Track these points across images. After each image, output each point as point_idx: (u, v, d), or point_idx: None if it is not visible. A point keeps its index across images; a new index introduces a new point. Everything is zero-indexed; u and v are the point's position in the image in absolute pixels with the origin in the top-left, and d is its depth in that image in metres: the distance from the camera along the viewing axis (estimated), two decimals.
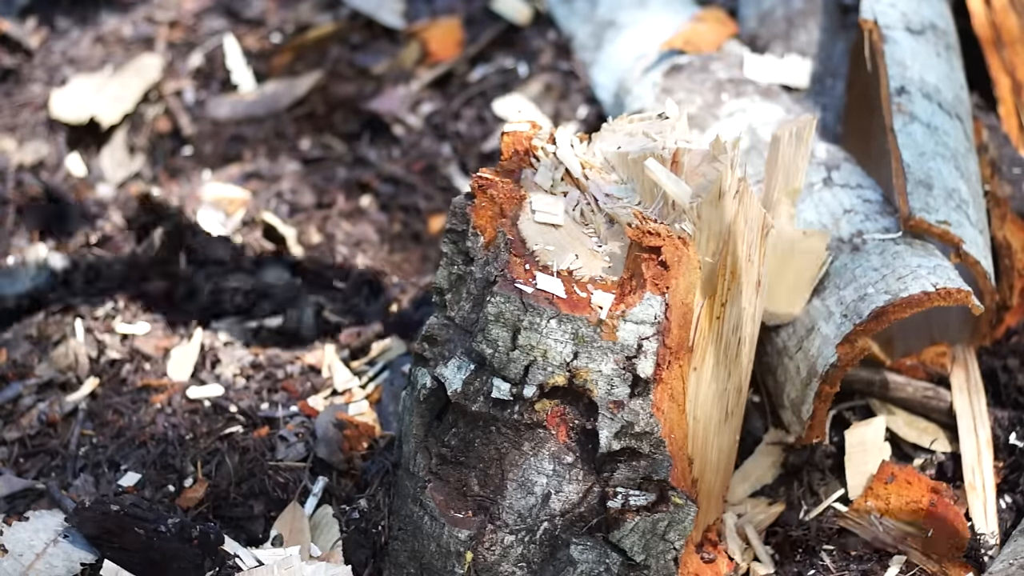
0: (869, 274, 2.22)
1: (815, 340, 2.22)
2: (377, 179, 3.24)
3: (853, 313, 2.18)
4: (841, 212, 2.34)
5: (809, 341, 2.23)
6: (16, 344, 2.70)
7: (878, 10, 2.54)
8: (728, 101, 2.65)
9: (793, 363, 2.27)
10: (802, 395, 2.23)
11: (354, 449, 2.35)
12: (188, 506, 2.30)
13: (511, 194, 2.03)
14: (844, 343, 2.16)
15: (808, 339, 2.23)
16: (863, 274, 2.23)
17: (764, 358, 2.35)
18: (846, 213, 2.34)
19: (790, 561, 2.25)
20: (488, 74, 3.43)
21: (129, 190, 3.29)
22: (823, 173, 2.42)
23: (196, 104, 3.54)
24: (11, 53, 3.70)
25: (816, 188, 2.40)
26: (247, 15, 3.78)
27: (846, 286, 2.23)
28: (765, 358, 2.35)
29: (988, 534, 2.24)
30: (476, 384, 1.98)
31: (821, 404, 2.20)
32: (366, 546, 2.20)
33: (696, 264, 1.96)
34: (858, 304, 2.18)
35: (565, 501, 2.00)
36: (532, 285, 1.94)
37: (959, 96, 2.53)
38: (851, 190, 2.39)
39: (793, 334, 2.27)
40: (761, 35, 2.99)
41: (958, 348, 2.43)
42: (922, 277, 2.18)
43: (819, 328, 2.22)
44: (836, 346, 2.17)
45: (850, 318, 2.18)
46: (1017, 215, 2.47)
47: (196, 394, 2.52)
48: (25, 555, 2.08)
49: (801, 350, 2.25)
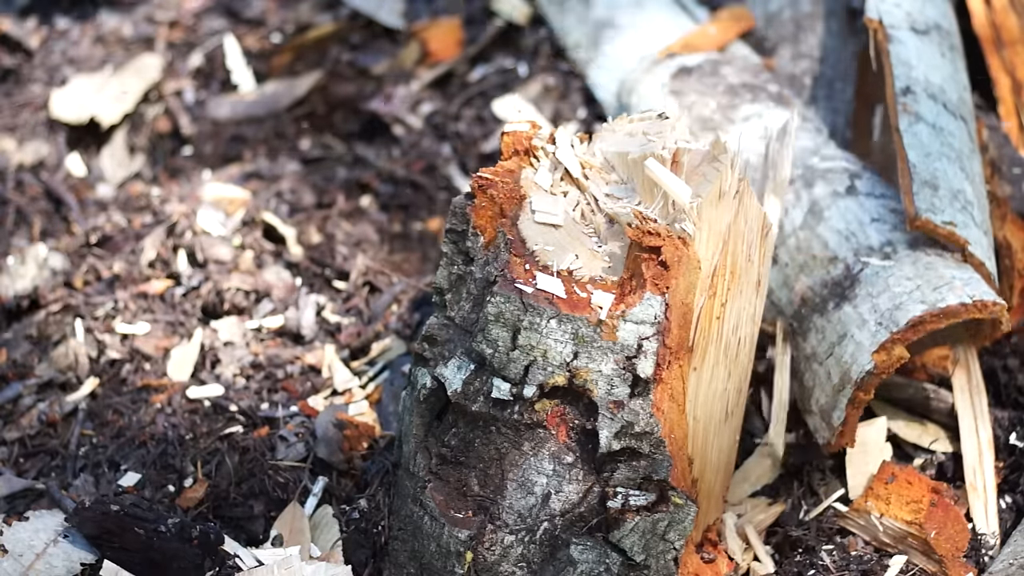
0: (903, 283, 2.22)
1: (848, 347, 2.21)
2: (377, 179, 3.24)
3: (889, 321, 2.18)
4: (869, 220, 2.34)
5: (841, 348, 2.23)
6: (16, 344, 2.70)
7: (883, 10, 2.54)
8: (743, 105, 2.65)
9: (823, 369, 2.26)
10: (833, 401, 2.22)
11: (354, 449, 2.35)
12: (188, 506, 2.30)
13: (511, 194, 2.03)
14: (880, 351, 2.16)
15: (840, 345, 2.23)
16: (896, 283, 2.22)
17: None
18: (874, 222, 2.34)
19: (790, 561, 2.25)
20: (488, 74, 3.43)
21: (129, 190, 3.29)
22: (847, 181, 2.42)
23: (196, 104, 3.54)
24: (11, 53, 3.70)
25: (841, 195, 2.40)
26: (247, 15, 3.78)
27: (879, 294, 2.22)
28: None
29: (989, 534, 2.24)
30: (476, 384, 1.98)
31: (854, 410, 2.19)
32: (366, 546, 2.20)
33: (696, 264, 1.96)
34: (894, 312, 2.18)
35: (565, 501, 2.00)
36: (532, 285, 1.94)
37: (963, 97, 2.53)
38: (876, 199, 2.39)
39: (823, 340, 2.27)
40: (768, 37, 2.98)
41: (959, 349, 2.43)
42: (957, 288, 2.18)
43: (852, 335, 2.21)
44: (872, 354, 2.16)
45: (886, 326, 2.17)
46: (1017, 215, 2.47)
47: (196, 394, 2.52)
48: (25, 555, 2.08)
49: (832, 356, 2.24)
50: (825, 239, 2.36)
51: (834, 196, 2.41)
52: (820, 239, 2.37)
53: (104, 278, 2.83)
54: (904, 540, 2.22)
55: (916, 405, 2.42)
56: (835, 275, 2.31)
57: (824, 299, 2.30)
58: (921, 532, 2.20)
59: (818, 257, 2.35)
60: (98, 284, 2.83)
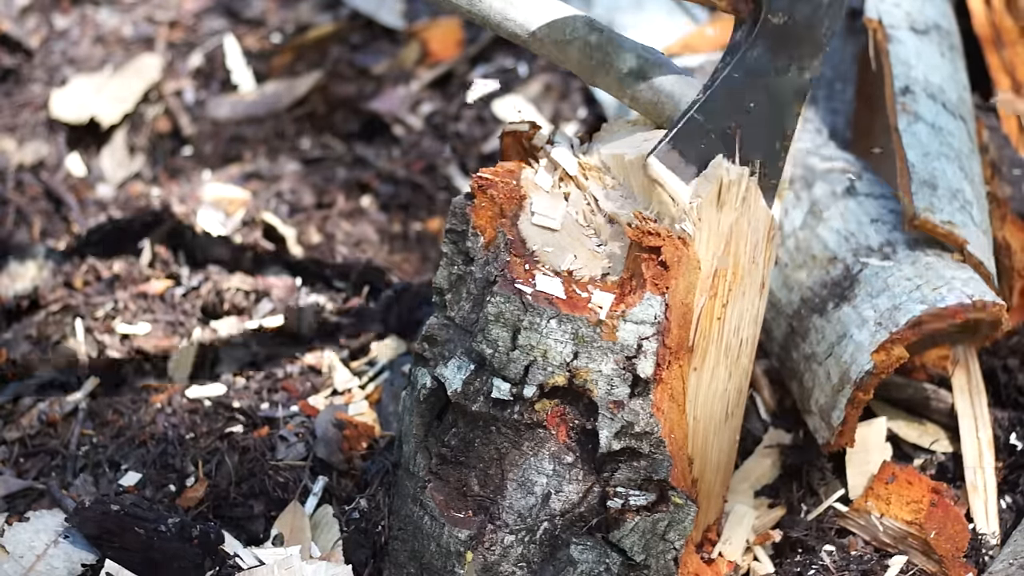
0: (902, 283, 2.22)
1: (847, 347, 2.21)
2: (377, 179, 3.24)
3: (889, 321, 2.17)
4: (868, 221, 2.34)
5: (841, 347, 2.22)
6: (16, 344, 2.70)
7: (883, 9, 2.54)
8: None
9: (823, 369, 2.26)
10: (833, 401, 2.22)
11: (354, 449, 2.35)
12: (188, 506, 2.30)
13: (511, 194, 2.03)
14: (879, 351, 2.16)
15: (840, 345, 2.23)
16: (896, 283, 2.22)
17: (788, 363, 2.35)
18: (874, 222, 2.34)
19: (790, 561, 2.25)
20: (488, 74, 3.43)
21: (129, 190, 3.29)
22: (846, 182, 2.42)
23: (196, 104, 3.54)
24: (11, 53, 3.70)
25: (841, 196, 2.40)
26: (247, 15, 3.79)
27: (879, 294, 2.22)
28: (789, 364, 2.35)
29: (989, 534, 2.24)
30: (476, 384, 1.98)
31: (853, 410, 2.19)
32: (366, 546, 2.20)
33: (696, 264, 1.96)
34: (893, 312, 2.18)
35: (565, 501, 2.00)
36: (532, 285, 1.94)
37: (963, 97, 2.53)
38: (876, 200, 2.38)
39: (822, 340, 2.27)
40: None
41: (959, 349, 2.43)
42: (957, 288, 2.18)
43: (852, 335, 2.21)
44: (871, 354, 2.16)
45: (885, 326, 2.17)
46: (1017, 216, 2.47)
47: (196, 394, 2.52)
48: (26, 557, 2.08)
49: (832, 356, 2.24)
50: (825, 239, 2.36)
51: (833, 196, 2.41)
52: (820, 239, 2.37)
53: (104, 278, 2.84)
54: (904, 540, 2.22)
55: (916, 405, 2.42)
56: (834, 275, 2.31)
57: (824, 299, 2.30)
58: (921, 532, 2.20)
59: (817, 257, 2.35)
60: (98, 284, 2.83)
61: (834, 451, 2.27)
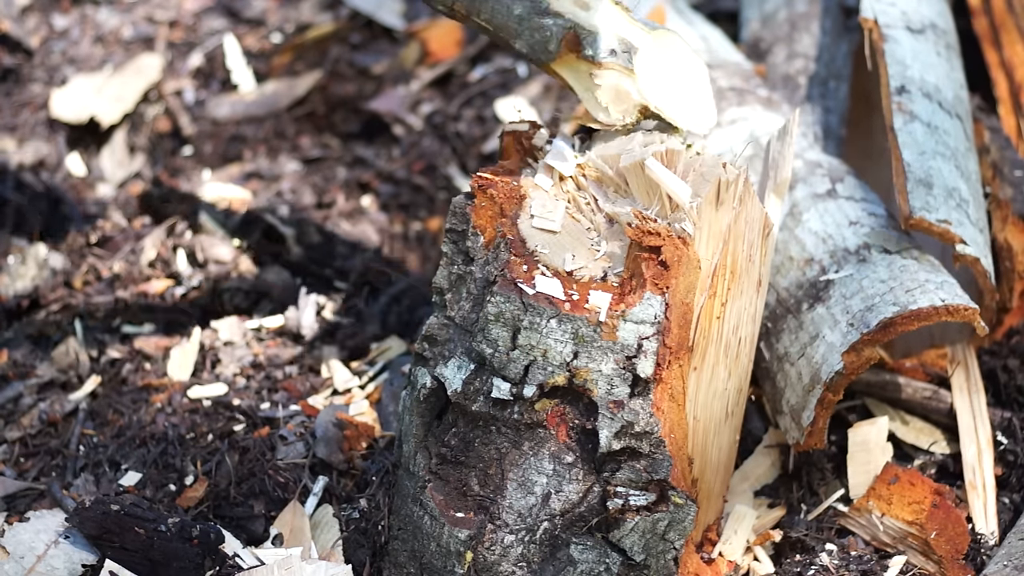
0: (876, 285, 2.22)
1: (819, 347, 2.22)
2: (377, 179, 3.24)
3: (860, 323, 2.18)
4: (847, 223, 2.34)
5: (813, 348, 2.23)
6: (16, 344, 2.71)
7: (878, 9, 2.54)
8: (729, 108, 2.65)
9: (795, 369, 2.26)
10: (803, 401, 2.22)
11: (354, 449, 2.36)
12: (188, 506, 2.30)
13: (511, 194, 2.03)
14: (850, 351, 2.16)
15: (812, 346, 2.23)
16: (870, 285, 2.22)
17: (762, 363, 2.35)
18: (852, 225, 2.34)
19: (790, 561, 2.25)
20: (488, 74, 3.44)
21: (129, 190, 3.30)
22: (827, 184, 2.42)
23: (196, 104, 3.54)
24: (11, 53, 3.70)
25: (820, 197, 2.40)
26: (247, 15, 3.79)
27: (852, 296, 2.22)
28: (763, 363, 2.35)
29: (988, 534, 2.24)
30: (476, 384, 1.98)
31: (823, 411, 2.20)
32: (366, 546, 2.20)
33: (696, 264, 1.96)
34: (865, 314, 2.18)
35: (565, 501, 2.00)
36: (532, 285, 1.94)
37: (959, 95, 2.53)
38: (856, 203, 2.39)
39: (795, 340, 2.27)
40: (764, 37, 2.98)
41: (958, 349, 2.43)
42: (930, 291, 2.18)
43: (824, 336, 2.22)
44: (842, 354, 2.16)
45: (857, 327, 2.17)
46: (1018, 217, 2.47)
47: (196, 394, 2.52)
48: (26, 557, 2.08)
49: (804, 357, 2.24)
50: (803, 241, 2.36)
51: (813, 198, 2.41)
52: (798, 241, 2.37)
53: (104, 278, 2.84)
54: (904, 540, 2.22)
55: (916, 405, 2.42)
56: (810, 276, 2.31)
57: (799, 300, 2.31)
58: (922, 532, 2.20)
59: (794, 259, 2.35)
60: (98, 284, 2.83)
61: (805, 451, 2.27)
